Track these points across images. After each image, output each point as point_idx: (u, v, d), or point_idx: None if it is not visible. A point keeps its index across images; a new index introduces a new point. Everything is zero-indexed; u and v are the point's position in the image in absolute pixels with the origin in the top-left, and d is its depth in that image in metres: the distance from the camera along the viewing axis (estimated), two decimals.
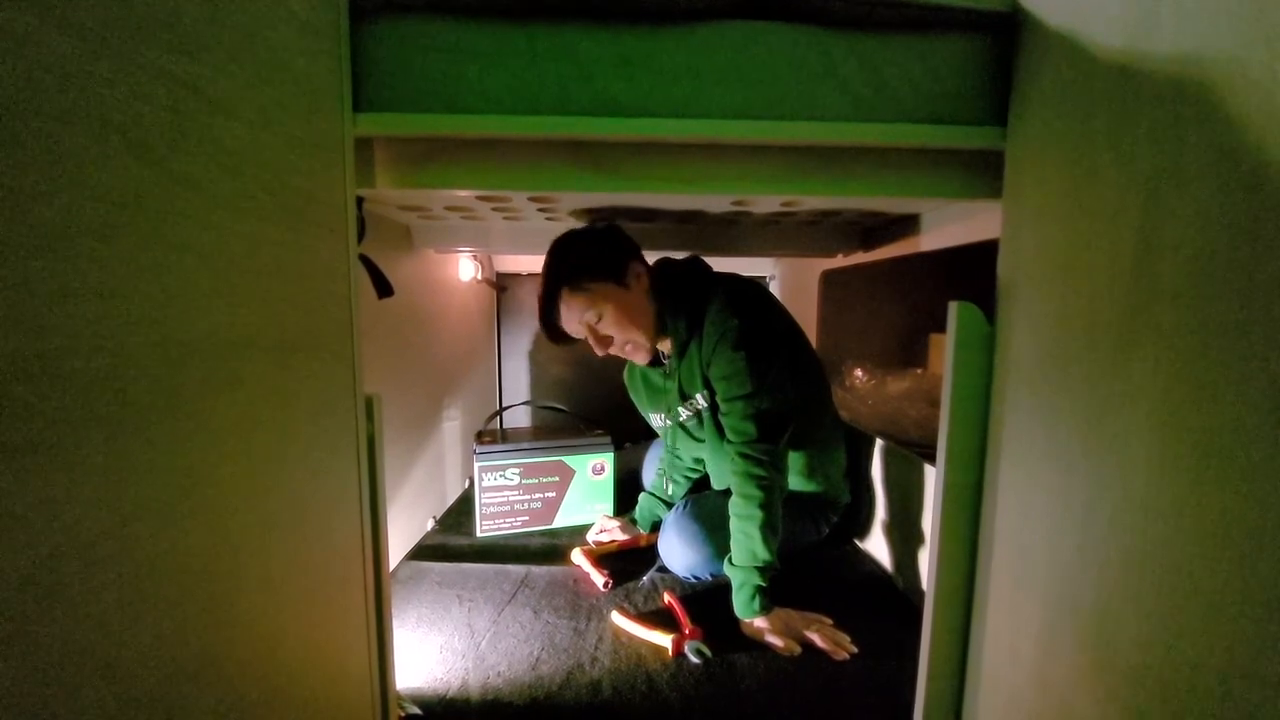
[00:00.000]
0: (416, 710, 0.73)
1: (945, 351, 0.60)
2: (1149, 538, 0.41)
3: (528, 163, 0.67)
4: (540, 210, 1.03)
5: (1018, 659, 0.55)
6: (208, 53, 0.38)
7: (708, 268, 1.11)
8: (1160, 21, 0.42)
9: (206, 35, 0.38)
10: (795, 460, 1.12)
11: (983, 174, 0.66)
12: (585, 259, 1.00)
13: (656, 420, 1.21)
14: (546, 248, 1.03)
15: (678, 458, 1.24)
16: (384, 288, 0.87)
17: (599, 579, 1.06)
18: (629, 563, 1.14)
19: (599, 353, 1.06)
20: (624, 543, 1.23)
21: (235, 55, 0.41)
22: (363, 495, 0.59)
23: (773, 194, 0.73)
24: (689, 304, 1.03)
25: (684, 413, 1.12)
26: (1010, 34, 0.59)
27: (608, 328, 1.02)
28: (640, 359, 1.08)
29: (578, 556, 1.15)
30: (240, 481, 0.42)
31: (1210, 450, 0.37)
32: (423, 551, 1.21)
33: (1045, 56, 0.54)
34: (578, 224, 1.14)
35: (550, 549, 1.22)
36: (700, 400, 1.08)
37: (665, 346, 1.08)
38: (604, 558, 1.16)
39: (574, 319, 1.01)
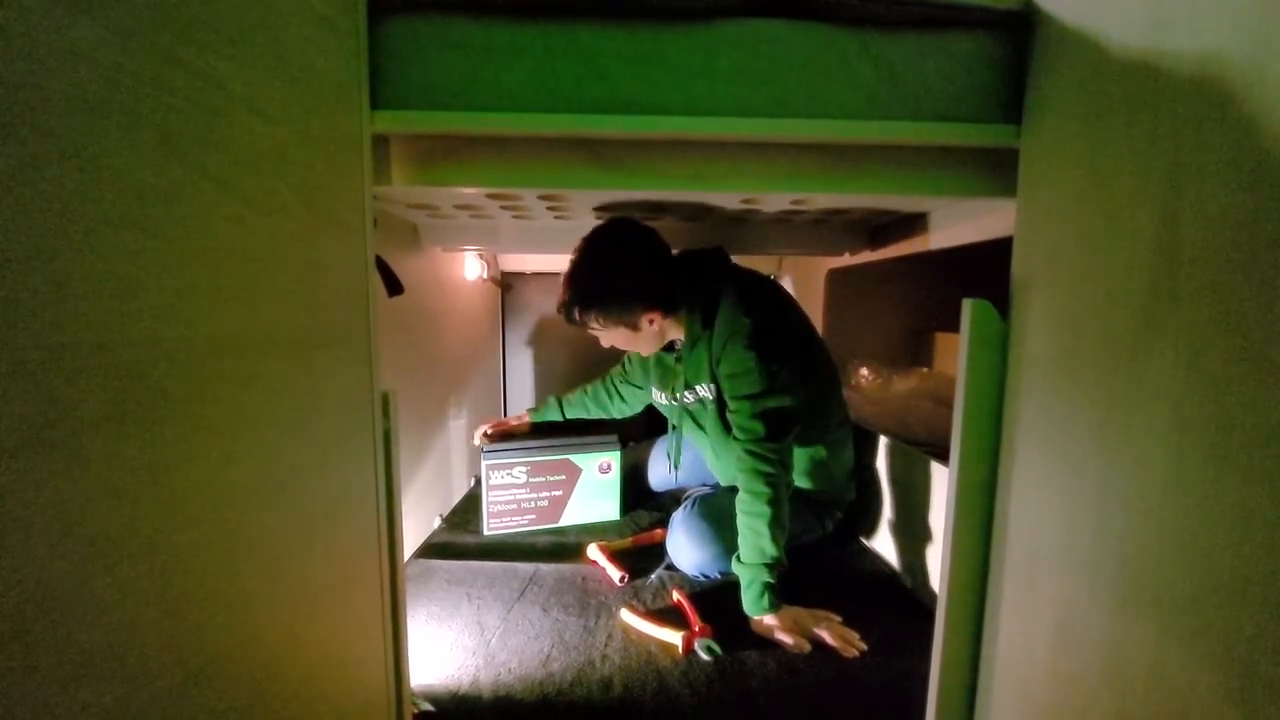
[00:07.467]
0: (430, 707, 0.73)
1: (959, 349, 0.60)
2: (1165, 535, 0.41)
3: (542, 160, 0.67)
4: (550, 209, 1.03)
5: (1031, 655, 0.55)
6: (233, 48, 0.38)
7: (727, 260, 1.11)
8: (1176, 19, 0.42)
9: (232, 31, 0.38)
10: (803, 458, 1.13)
11: (996, 172, 0.66)
12: (605, 293, 0.99)
13: (660, 397, 1.23)
14: (555, 246, 1.04)
15: (674, 426, 1.26)
16: (394, 286, 0.87)
17: (615, 574, 1.07)
18: (638, 560, 1.14)
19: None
20: (639, 538, 1.24)
21: (258, 51, 0.41)
22: (379, 491, 0.59)
23: (785, 192, 0.73)
24: (704, 298, 1.03)
25: (688, 397, 1.14)
26: (1024, 32, 0.59)
27: (610, 343, 1.10)
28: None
29: (594, 552, 1.16)
30: (258, 479, 0.42)
31: (1229, 447, 0.37)
32: (430, 549, 1.21)
33: (1060, 54, 0.54)
34: (588, 222, 1.12)
35: (558, 547, 1.22)
36: (700, 390, 1.09)
37: (679, 333, 1.08)
38: (619, 553, 1.17)
39: (584, 324, 1.04)
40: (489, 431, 1.35)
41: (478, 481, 1.47)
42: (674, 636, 0.87)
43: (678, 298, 1.03)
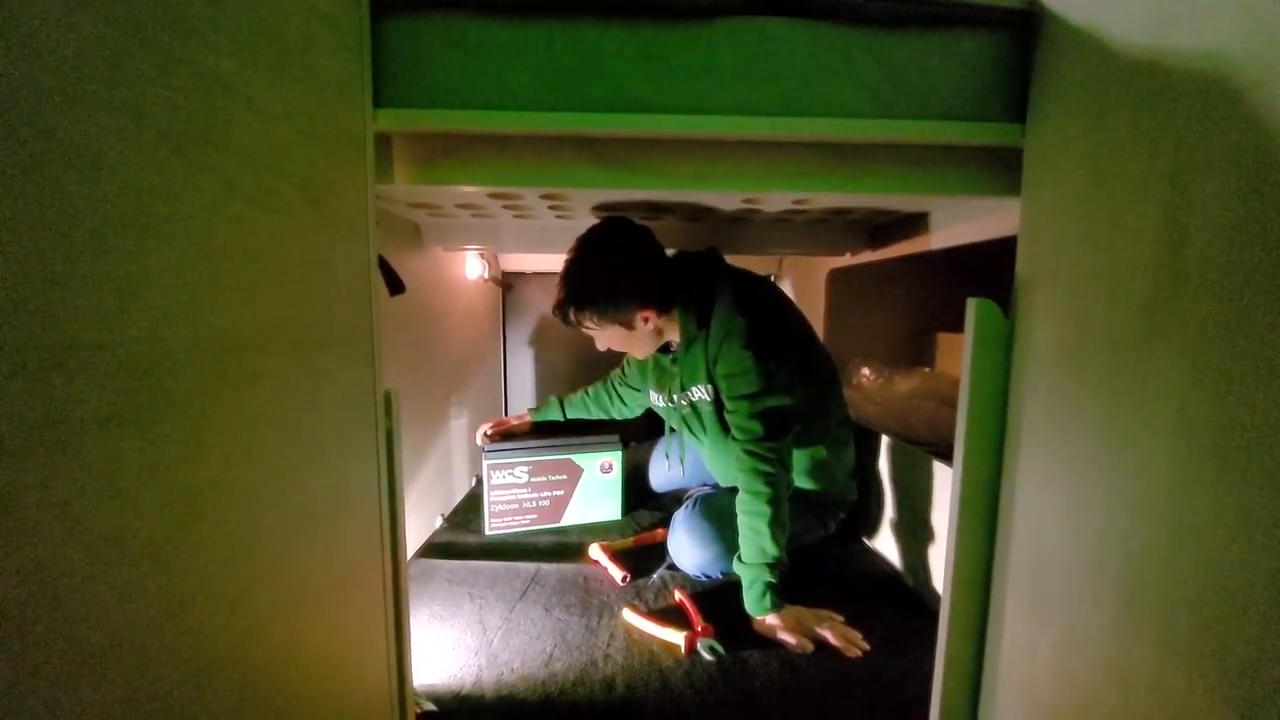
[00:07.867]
0: (432, 707, 0.73)
1: (963, 348, 0.60)
2: (1169, 535, 0.41)
3: (544, 159, 0.67)
4: (551, 208, 1.03)
5: (1035, 654, 0.55)
6: (236, 46, 0.38)
7: (722, 261, 1.11)
8: (1180, 17, 0.42)
9: (234, 29, 0.38)
10: (803, 458, 1.13)
11: (1001, 171, 0.66)
12: (600, 292, 0.99)
13: (658, 400, 1.23)
14: (556, 245, 1.04)
15: (672, 429, 1.29)
16: (395, 285, 0.87)
17: (617, 574, 1.07)
18: (639, 560, 1.14)
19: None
20: (641, 538, 1.24)
21: (261, 49, 0.41)
22: (381, 491, 0.59)
23: (788, 191, 0.73)
24: (699, 299, 1.03)
25: (684, 400, 1.14)
26: (1029, 30, 0.59)
27: (606, 344, 1.10)
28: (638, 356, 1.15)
29: (595, 552, 1.16)
30: (259, 479, 0.42)
31: (1234, 446, 0.37)
32: (432, 549, 1.21)
33: (1064, 53, 0.54)
34: (590, 221, 1.12)
35: (560, 547, 1.22)
36: (697, 392, 1.09)
37: (675, 335, 1.08)
38: (621, 553, 1.17)
39: (579, 323, 1.04)
40: (490, 431, 1.35)
41: (479, 481, 1.47)
42: (676, 636, 0.87)
43: (673, 296, 1.03)
